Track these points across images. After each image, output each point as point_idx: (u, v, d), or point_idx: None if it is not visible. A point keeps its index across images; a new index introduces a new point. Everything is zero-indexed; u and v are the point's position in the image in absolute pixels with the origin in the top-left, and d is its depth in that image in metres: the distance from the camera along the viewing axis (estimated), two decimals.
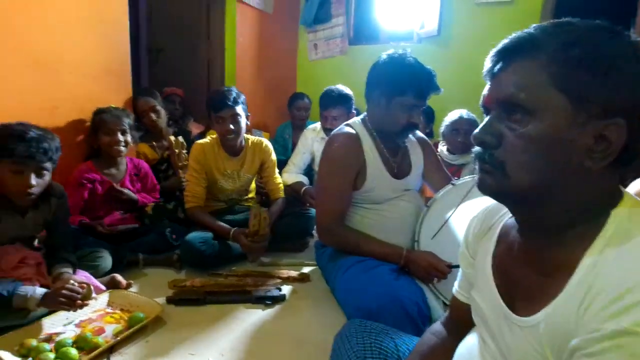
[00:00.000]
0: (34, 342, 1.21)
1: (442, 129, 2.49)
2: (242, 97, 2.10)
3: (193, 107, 3.18)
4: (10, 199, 1.44)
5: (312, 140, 2.71)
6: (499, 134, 0.59)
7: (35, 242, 1.61)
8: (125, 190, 2.08)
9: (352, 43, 3.92)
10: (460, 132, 2.36)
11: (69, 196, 1.73)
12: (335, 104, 2.49)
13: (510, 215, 0.70)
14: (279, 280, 1.79)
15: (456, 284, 0.85)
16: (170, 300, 1.57)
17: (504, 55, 0.60)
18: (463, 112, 2.41)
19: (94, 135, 2.09)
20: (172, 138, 2.43)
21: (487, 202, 0.77)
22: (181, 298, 1.58)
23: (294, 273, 1.85)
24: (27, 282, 1.36)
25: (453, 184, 1.58)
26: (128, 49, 2.47)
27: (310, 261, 2.02)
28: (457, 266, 0.90)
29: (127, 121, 2.12)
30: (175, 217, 2.21)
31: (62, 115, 2.11)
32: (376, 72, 1.57)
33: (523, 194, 0.59)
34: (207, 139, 2.18)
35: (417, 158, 1.74)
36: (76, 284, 1.35)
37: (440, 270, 1.42)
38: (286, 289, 1.73)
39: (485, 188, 0.63)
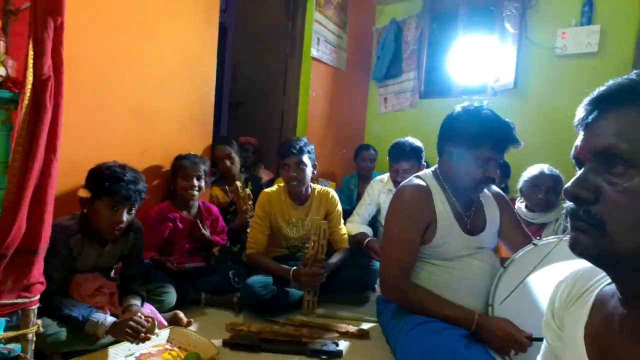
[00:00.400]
0: None
1: (519, 184, 2.32)
2: (310, 147, 2.16)
3: (265, 155, 3.36)
4: (95, 232, 1.58)
5: (378, 192, 2.67)
6: (595, 188, 0.52)
7: (112, 273, 1.72)
8: (205, 232, 2.18)
9: (422, 97, 3.94)
10: (542, 189, 2.17)
11: (148, 233, 1.87)
12: (406, 156, 2.44)
13: (609, 281, 0.60)
14: (336, 335, 1.70)
15: (539, 358, 0.73)
16: (226, 344, 1.56)
17: (600, 103, 0.54)
18: (544, 167, 2.23)
19: (173, 178, 2.26)
20: (239, 184, 2.54)
21: (577, 265, 0.67)
22: (237, 342, 1.56)
23: (352, 328, 1.74)
24: (100, 309, 1.44)
25: (535, 244, 1.43)
26: (212, 102, 2.72)
27: (371, 317, 1.90)
28: (540, 339, 0.77)
29: (203, 168, 2.28)
30: (239, 260, 2.25)
31: (149, 158, 2.33)
32: (450, 124, 1.53)
33: (627, 258, 0.50)
34: (274, 187, 2.25)
35: (492, 214, 1.61)
36: (142, 317, 1.40)
37: (519, 342, 1.25)
38: (343, 345, 1.63)
39: (580, 249, 0.54)
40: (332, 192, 2.30)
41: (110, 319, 1.38)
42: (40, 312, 1.28)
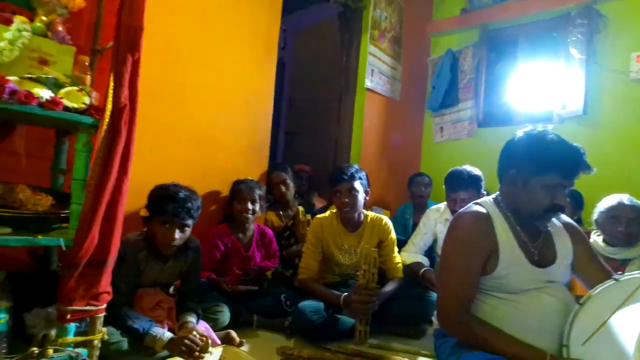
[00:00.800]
0: None
1: (595, 216, 2.11)
2: (361, 173, 2.16)
3: (319, 183, 3.39)
4: (157, 249, 1.66)
5: (435, 221, 2.56)
6: None
7: (171, 289, 1.79)
8: (242, 287, 2.15)
9: (481, 125, 3.81)
10: (622, 221, 1.96)
11: (204, 253, 1.93)
12: (464, 185, 2.31)
13: None
14: None
15: None
16: None
17: None
18: (623, 197, 2.03)
19: (230, 202, 2.35)
20: (301, 209, 2.58)
21: None
22: None
23: None
24: (159, 323, 1.50)
25: (616, 279, 1.28)
26: (269, 131, 2.84)
27: (427, 351, 1.79)
28: None
29: (259, 192, 2.35)
30: (292, 285, 2.25)
31: (210, 183, 2.46)
32: (512, 149, 1.45)
33: None
34: (326, 214, 2.25)
35: (563, 246, 1.47)
36: (198, 336, 1.43)
37: None
38: None
39: None
40: (386, 219, 2.25)
41: (168, 335, 1.42)
42: (106, 321, 1.35)
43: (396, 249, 2.24)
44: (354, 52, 3.51)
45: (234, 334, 1.72)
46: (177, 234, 1.62)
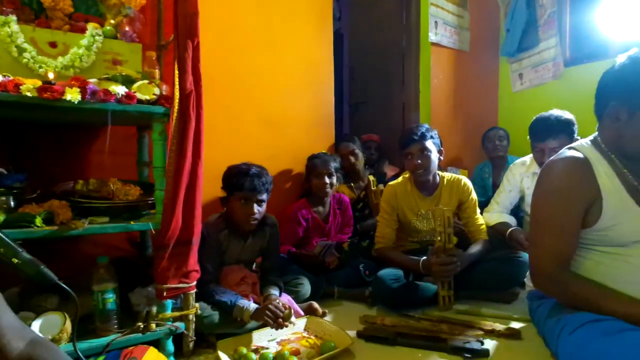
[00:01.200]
0: (244, 350, 1.37)
1: None
2: (433, 132, 2.03)
3: (389, 151, 3.29)
4: (237, 228, 1.74)
5: (520, 176, 2.33)
6: None
7: (253, 266, 1.88)
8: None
9: (568, 64, 3.35)
10: None
11: (286, 230, 2.02)
12: (553, 132, 2.01)
13: None
14: (480, 333, 1.52)
15: None
16: (360, 335, 1.54)
17: None
18: None
19: (307, 177, 2.39)
20: (372, 178, 2.54)
21: None
22: (371, 335, 1.52)
23: (500, 326, 1.54)
24: (245, 297, 1.58)
25: None
26: (332, 105, 2.81)
27: (521, 315, 1.67)
28: None
29: (334, 165, 2.34)
30: (369, 255, 2.23)
31: (278, 162, 2.51)
32: (612, 78, 1.23)
33: None
34: (399, 179, 2.16)
35: None
36: (280, 304, 1.49)
37: None
38: (489, 344, 1.45)
39: None
40: (464, 179, 2.11)
41: (254, 305, 1.50)
42: (198, 297, 1.46)
43: (478, 210, 2.10)
44: (413, 7, 3.28)
45: (316, 305, 1.76)
46: (256, 208, 1.68)
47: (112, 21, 1.53)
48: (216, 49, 2.19)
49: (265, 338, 1.50)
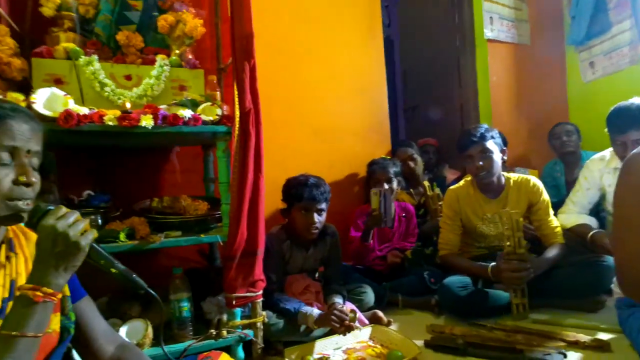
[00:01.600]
0: (310, 358, 1.40)
1: None
2: (493, 132, 1.94)
3: (448, 154, 3.19)
4: (299, 238, 1.78)
5: (599, 173, 2.12)
6: None
7: (316, 275, 1.91)
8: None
9: None
10: None
11: (354, 229, 2.04)
12: (636, 123, 1.80)
13: None
14: (562, 344, 1.41)
15: None
16: (428, 345, 1.49)
17: None
18: None
19: (367, 183, 2.38)
20: (427, 183, 2.47)
21: None
22: (440, 344, 1.47)
23: (585, 338, 1.41)
24: (309, 305, 1.60)
25: None
26: (386, 110, 2.79)
27: (609, 325, 1.52)
28: None
29: (393, 170, 2.32)
30: (433, 262, 2.16)
31: (337, 172, 2.53)
32: None
33: None
34: (460, 183, 2.08)
35: None
36: (345, 309, 1.51)
37: None
38: (573, 357, 1.33)
39: None
40: (534, 180, 1.98)
41: (317, 311, 1.53)
42: (264, 306, 1.51)
43: (551, 211, 1.96)
44: (466, 5, 3.18)
45: (380, 313, 1.74)
46: (316, 218, 1.71)
47: (177, 51, 1.66)
48: (270, 66, 2.28)
49: (330, 346, 1.51)
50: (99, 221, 1.41)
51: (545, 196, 1.96)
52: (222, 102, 1.64)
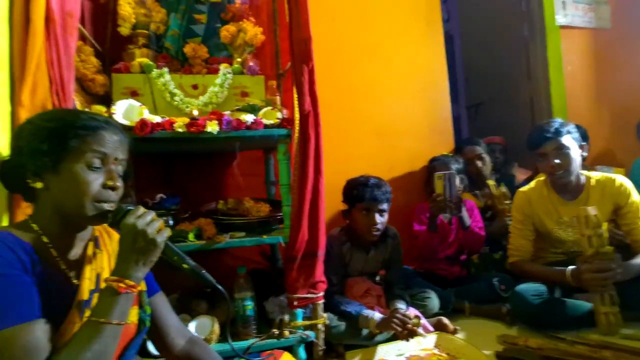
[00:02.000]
0: None
1: None
2: (570, 126, 1.78)
3: (517, 153, 2.98)
4: (359, 240, 1.76)
5: None
6: None
7: (377, 278, 1.87)
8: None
9: None
10: None
11: (417, 224, 2.01)
12: None
13: None
14: None
15: None
16: (500, 357, 1.40)
17: None
18: None
19: (428, 181, 2.30)
20: (492, 182, 2.32)
21: None
22: (513, 357, 1.37)
23: None
24: (370, 309, 1.57)
25: None
26: (449, 109, 2.68)
27: None
28: None
29: (455, 166, 2.21)
30: (502, 268, 2.03)
31: (397, 172, 2.47)
32: None
33: None
34: (531, 184, 1.93)
35: None
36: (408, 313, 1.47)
37: None
38: None
39: None
40: (620, 179, 1.78)
41: (379, 315, 1.50)
42: (325, 308, 1.51)
43: None
44: None
45: (446, 320, 1.67)
46: (378, 218, 1.68)
47: (239, 59, 1.73)
48: (328, 68, 2.27)
49: (393, 352, 1.46)
50: (170, 222, 1.50)
51: (635, 197, 1.75)
52: (282, 106, 1.68)
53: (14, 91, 1.11)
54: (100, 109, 1.38)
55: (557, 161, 1.73)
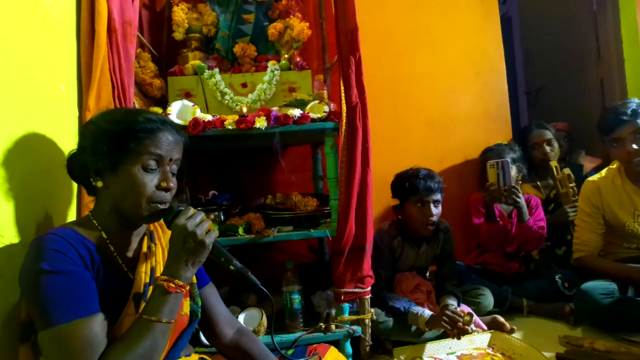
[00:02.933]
0: None
1: None
2: None
3: (584, 140, 2.74)
4: (411, 234, 1.72)
5: None
6: None
7: (427, 274, 1.82)
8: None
9: None
10: None
11: (475, 217, 1.93)
12: None
13: None
14: None
15: None
16: (561, 358, 1.31)
17: None
18: None
19: (482, 173, 2.19)
20: (554, 164, 2.13)
21: None
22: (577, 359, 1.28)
23: None
24: (419, 305, 1.54)
25: None
26: (506, 93, 2.53)
27: None
28: None
29: (511, 156, 2.08)
30: (566, 264, 1.89)
31: (449, 163, 2.39)
32: None
33: None
34: (601, 173, 1.77)
35: None
36: (459, 310, 1.42)
37: None
38: None
39: None
40: None
41: (428, 312, 1.46)
42: (372, 303, 1.51)
43: None
44: None
45: (501, 319, 1.59)
46: (434, 210, 1.64)
47: (286, 55, 1.75)
48: (377, 58, 2.26)
49: (443, 350, 1.43)
50: (222, 217, 1.57)
51: None
52: (329, 100, 1.68)
53: (82, 97, 1.21)
54: (156, 110, 1.47)
55: (634, 146, 1.57)
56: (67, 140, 1.10)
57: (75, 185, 1.12)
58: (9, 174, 0.87)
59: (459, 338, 1.36)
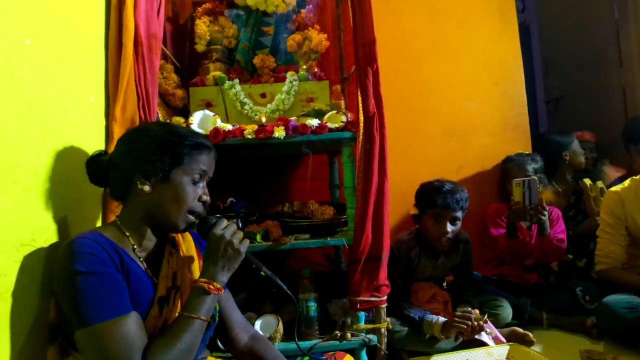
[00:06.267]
0: None
1: None
2: None
3: (608, 149, 2.69)
4: (429, 245, 1.71)
5: None
6: None
7: (444, 284, 1.81)
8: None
9: None
10: None
11: (493, 228, 1.91)
12: None
13: None
14: None
15: None
16: None
17: None
18: None
19: (502, 182, 2.18)
20: (588, 181, 2.11)
21: None
22: None
23: None
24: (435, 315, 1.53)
25: None
26: (525, 103, 2.51)
27: None
28: None
29: (532, 166, 2.06)
30: (587, 276, 1.85)
31: (466, 173, 2.37)
32: None
33: None
34: (624, 183, 1.74)
35: None
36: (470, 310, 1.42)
37: None
38: None
39: None
40: None
41: (442, 319, 1.46)
42: (388, 312, 1.50)
43: None
44: None
45: (520, 330, 1.57)
46: (449, 227, 1.62)
47: (304, 66, 1.78)
48: (394, 68, 2.27)
49: None
50: (240, 224, 1.59)
51: None
52: (347, 110, 1.70)
53: (109, 108, 1.26)
54: (179, 120, 1.51)
55: None
56: (95, 149, 1.14)
57: (100, 192, 1.16)
58: (43, 182, 0.91)
59: (473, 336, 1.35)
